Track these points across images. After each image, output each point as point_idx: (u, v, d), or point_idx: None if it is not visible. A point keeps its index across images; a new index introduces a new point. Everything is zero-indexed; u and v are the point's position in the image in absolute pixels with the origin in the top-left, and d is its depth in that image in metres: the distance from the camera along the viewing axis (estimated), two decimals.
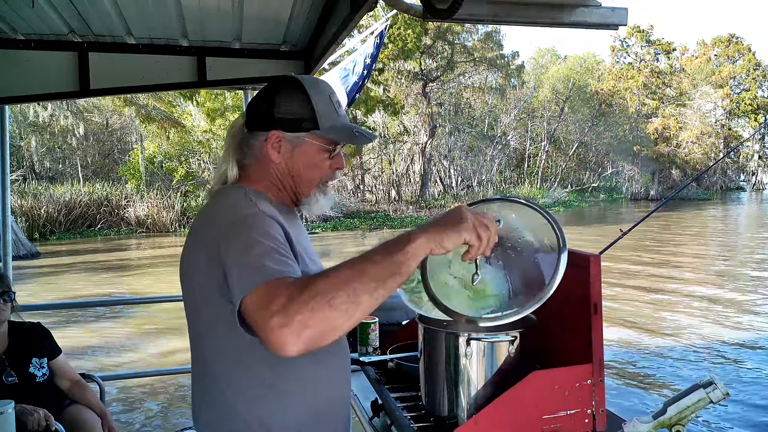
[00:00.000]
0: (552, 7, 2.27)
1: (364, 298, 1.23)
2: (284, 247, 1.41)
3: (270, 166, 1.65)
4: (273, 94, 1.65)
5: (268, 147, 1.63)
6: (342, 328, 1.23)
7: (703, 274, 14.91)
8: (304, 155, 1.65)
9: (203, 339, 1.59)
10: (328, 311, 1.20)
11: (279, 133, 1.62)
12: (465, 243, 1.36)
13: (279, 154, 1.63)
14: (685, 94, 48.98)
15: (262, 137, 1.64)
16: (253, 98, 1.71)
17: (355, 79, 5.70)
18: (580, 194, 43.39)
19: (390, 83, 31.57)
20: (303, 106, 1.62)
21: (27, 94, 3.94)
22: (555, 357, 1.85)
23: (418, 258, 1.30)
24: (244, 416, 1.55)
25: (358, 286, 1.23)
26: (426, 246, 1.31)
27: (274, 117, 1.62)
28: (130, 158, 30.91)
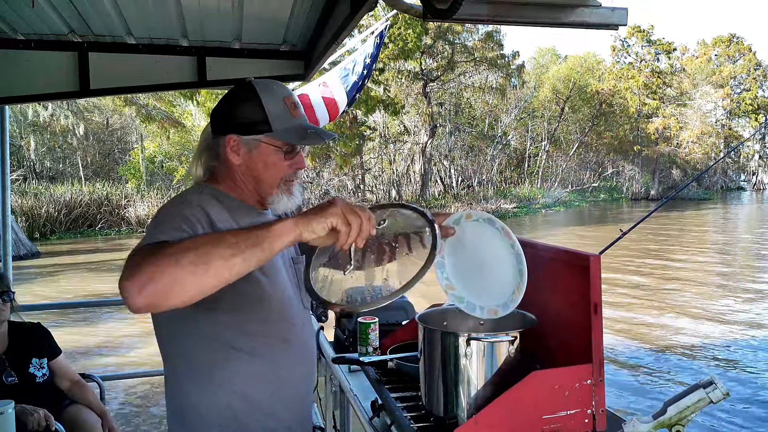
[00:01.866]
0: (552, 7, 2.27)
1: (216, 262, 1.28)
2: (187, 223, 1.50)
3: (233, 168, 1.74)
4: (230, 100, 1.75)
5: (227, 150, 1.71)
6: (191, 288, 1.27)
7: (703, 273, 14.90)
8: (261, 156, 1.72)
9: (155, 325, 1.70)
10: (173, 267, 1.25)
11: (235, 136, 1.71)
12: (333, 228, 1.39)
13: (238, 157, 1.71)
14: (686, 93, 48.94)
15: (222, 141, 1.72)
16: (217, 104, 1.80)
17: (355, 78, 5.70)
18: (580, 194, 43.38)
19: (390, 83, 31.55)
20: (255, 111, 1.70)
21: (27, 94, 3.94)
22: (555, 357, 1.85)
23: (283, 238, 1.35)
24: (181, 399, 1.67)
25: (212, 249, 1.29)
26: (294, 228, 1.36)
27: (229, 122, 1.72)
28: (130, 158, 30.93)
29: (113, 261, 18.03)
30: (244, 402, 1.66)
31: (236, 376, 1.65)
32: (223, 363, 1.64)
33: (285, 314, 1.75)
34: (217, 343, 1.63)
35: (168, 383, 1.72)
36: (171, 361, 1.69)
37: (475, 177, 39.71)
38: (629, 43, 48.87)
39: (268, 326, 1.70)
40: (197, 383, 1.65)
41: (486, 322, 1.97)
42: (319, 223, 1.37)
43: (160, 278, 1.25)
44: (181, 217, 1.52)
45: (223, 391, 1.65)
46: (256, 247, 1.32)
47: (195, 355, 1.64)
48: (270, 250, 1.34)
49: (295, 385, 1.79)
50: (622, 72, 47.29)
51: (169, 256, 1.27)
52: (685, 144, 46.20)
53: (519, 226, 27.88)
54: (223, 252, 1.29)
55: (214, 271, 1.28)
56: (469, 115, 39.98)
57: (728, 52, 54.65)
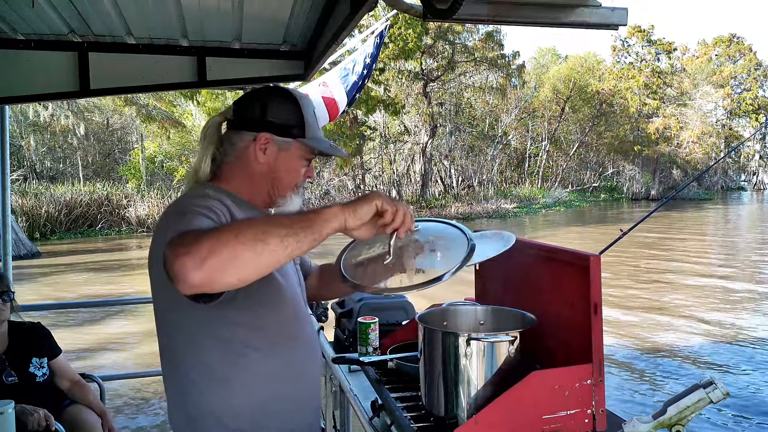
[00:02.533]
0: (552, 7, 2.27)
1: (272, 240, 1.27)
2: (218, 216, 1.49)
3: (251, 166, 1.72)
4: (266, 98, 1.73)
5: (254, 147, 1.70)
6: (248, 265, 1.26)
7: (703, 273, 14.90)
8: (287, 159, 1.73)
9: (162, 327, 1.67)
10: (235, 243, 1.23)
11: (268, 135, 1.70)
12: (378, 210, 1.43)
13: (264, 156, 1.71)
14: (686, 93, 48.94)
15: (248, 137, 1.71)
16: (242, 99, 1.77)
17: (355, 78, 5.71)
18: (580, 194, 43.40)
19: (391, 83, 31.57)
20: (293, 114, 1.72)
21: (27, 94, 3.94)
22: (555, 357, 1.85)
23: (331, 223, 1.37)
24: (195, 404, 1.63)
25: (268, 228, 1.29)
26: (340, 214, 1.39)
27: (265, 120, 1.70)
28: (130, 158, 30.94)
29: (113, 261, 18.04)
30: (260, 403, 1.65)
31: (253, 378, 1.63)
32: (241, 364, 1.62)
33: (296, 313, 1.76)
34: (232, 345, 1.61)
35: (178, 390, 1.67)
36: (183, 366, 1.64)
37: (476, 177, 39.72)
38: (630, 43, 48.89)
39: (281, 325, 1.70)
40: (213, 387, 1.62)
41: (486, 322, 1.98)
42: (364, 209, 1.41)
43: (221, 251, 1.22)
44: (207, 208, 1.50)
45: (241, 394, 1.63)
46: (308, 229, 1.33)
47: (211, 358, 1.61)
48: (320, 234, 1.35)
49: (307, 383, 1.79)
50: (623, 72, 47.29)
51: (229, 232, 1.26)
52: (685, 144, 46.20)
53: (519, 226, 27.87)
54: (279, 231, 1.29)
55: (271, 250, 1.27)
56: (470, 115, 39.99)
57: (729, 52, 54.67)
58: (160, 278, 1.55)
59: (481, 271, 2.39)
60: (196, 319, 1.57)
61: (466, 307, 2.07)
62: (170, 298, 1.53)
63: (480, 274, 2.40)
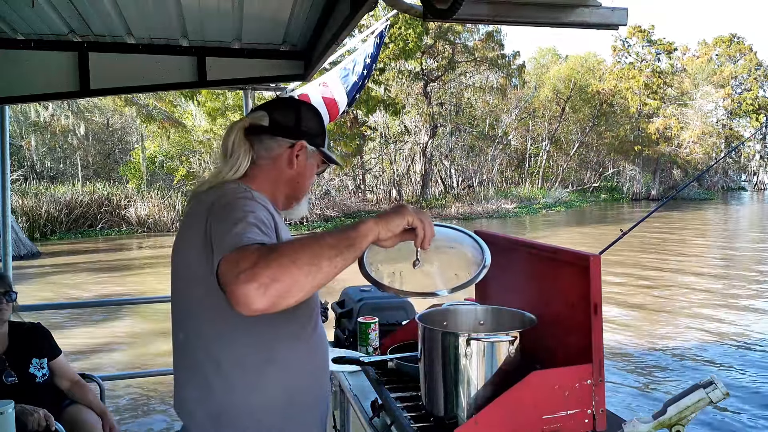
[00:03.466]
0: (552, 7, 2.27)
1: (324, 263, 1.36)
2: (266, 226, 1.52)
3: (280, 169, 1.82)
4: (299, 108, 1.87)
5: (290, 154, 1.81)
6: (305, 288, 1.34)
7: (703, 273, 14.89)
8: (310, 167, 1.87)
9: (192, 317, 1.68)
10: (294, 269, 1.31)
11: (304, 143, 1.82)
12: (408, 225, 1.56)
13: (296, 162, 1.82)
14: (687, 93, 48.91)
15: (286, 144, 1.81)
16: (274, 107, 1.85)
17: (355, 79, 5.71)
18: (581, 194, 43.38)
19: (391, 83, 31.55)
20: (319, 125, 1.89)
21: (27, 94, 3.94)
22: (555, 357, 1.85)
23: (368, 237, 1.48)
24: (224, 397, 1.64)
25: (319, 251, 1.37)
26: (375, 228, 1.49)
27: (300, 129, 1.83)
28: (130, 158, 30.92)
29: (114, 261, 18.04)
30: (290, 396, 1.70)
31: (283, 370, 1.68)
32: (273, 357, 1.66)
33: (316, 307, 1.84)
34: (265, 338, 1.66)
35: (201, 385, 1.67)
36: (211, 361, 1.65)
37: (476, 177, 39.72)
38: (630, 43, 48.86)
39: (304, 318, 1.76)
40: (246, 380, 1.64)
41: (486, 322, 1.98)
42: (396, 223, 1.53)
43: (282, 279, 1.29)
44: (256, 217, 1.52)
45: (273, 386, 1.67)
46: (351, 247, 1.43)
47: (245, 351, 1.64)
48: (360, 250, 1.46)
49: (326, 376, 1.87)
50: (623, 72, 47.27)
51: (286, 257, 1.32)
52: (685, 144, 46.18)
53: (520, 226, 27.88)
54: (328, 253, 1.37)
55: (324, 272, 1.36)
56: (470, 115, 39.98)
57: (729, 52, 54.65)
58: (192, 270, 1.62)
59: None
60: (234, 315, 1.55)
61: (466, 307, 2.08)
62: (204, 292, 1.57)
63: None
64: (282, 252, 1.33)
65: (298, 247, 1.36)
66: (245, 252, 1.34)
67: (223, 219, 1.52)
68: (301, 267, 1.31)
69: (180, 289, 1.72)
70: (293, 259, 1.31)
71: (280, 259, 1.31)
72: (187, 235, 1.66)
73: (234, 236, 1.42)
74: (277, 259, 1.31)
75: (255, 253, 1.33)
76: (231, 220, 1.49)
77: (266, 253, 1.33)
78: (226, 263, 1.34)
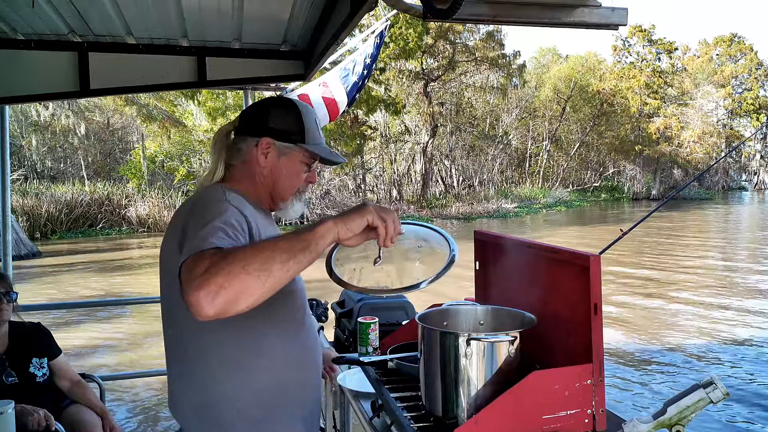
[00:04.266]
0: (552, 7, 2.27)
1: (275, 267, 1.37)
2: (234, 229, 1.53)
3: (255, 169, 1.83)
4: (269, 106, 1.87)
5: (257, 151, 1.81)
6: (256, 294, 1.35)
7: (704, 273, 14.89)
8: (288, 164, 1.84)
9: (177, 317, 1.72)
10: (243, 275, 1.32)
11: (269, 140, 1.81)
12: (369, 224, 1.53)
13: (266, 159, 1.82)
14: (687, 93, 48.92)
15: (252, 142, 1.82)
16: (248, 109, 1.91)
17: (355, 79, 5.70)
18: (581, 194, 43.38)
19: (391, 83, 31.53)
20: (294, 121, 1.84)
21: (27, 94, 3.95)
22: (555, 357, 1.85)
23: (326, 238, 1.47)
24: (210, 390, 1.68)
25: (270, 255, 1.37)
26: (333, 228, 1.48)
27: (267, 126, 1.82)
28: (131, 157, 30.91)
29: (114, 261, 18.04)
30: (278, 389, 1.73)
31: (270, 363, 1.71)
32: (260, 351, 1.69)
33: (303, 302, 1.87)
34: (251, 332, 1.69)
35: (191, 382, 1.72)
36: (200, 358, 1.70)
37: (476, 177, 39.71)
38: (630, 43, 48.88)
39: (292, 313, 1.80)
40: (235, 375, 1.68)
41: (486, 322, 1.98)
42: (356, 222, 1.51)
43: (230, 286, 1.31)
44: (225, 221, 1.54)
45: (260, 379, 1.70)
46: (306, 250, 1.42)
47: (231, 347, 1.68)
48: (316, 252, 1.45)
49: (316, 370, 1.89)
50: (624, 72, 47.27)
51: (235, 263, 1.33)
52: (686, 144, 46.17)
53: (520, 225, 27.87)
54: (281, 257, 1.38)
55: (275, 276, 1.37)
56: (470, 114, 39.97)
57: (730, 51, 54.63)
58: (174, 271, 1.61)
59: (481, 270, 2.39)
60: None
61: (466, 307, 2.07)
62: None
63: (480, 274, 2.40)
64: (233, 258, 1.35)
65: (250, 252, 1.38)
66: (200, 258, 1.37)
67: (192, 223, 1.56)
68: (251, 272, 1.33)
69: (165, 287, 1.77)
70: (243, 265, 1.33)
71: (230, 266, 1.32)
72: (170, 235, 1.70)
73: (196, 240, 1.45)
74: (227, 266, 1.32)
75: (208, 260, 1.35)
76: (198, 225, 1.52)
77: (218, 259, 1.35)
78: (185, 268, 1.37)
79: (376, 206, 1.57)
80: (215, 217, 1.54)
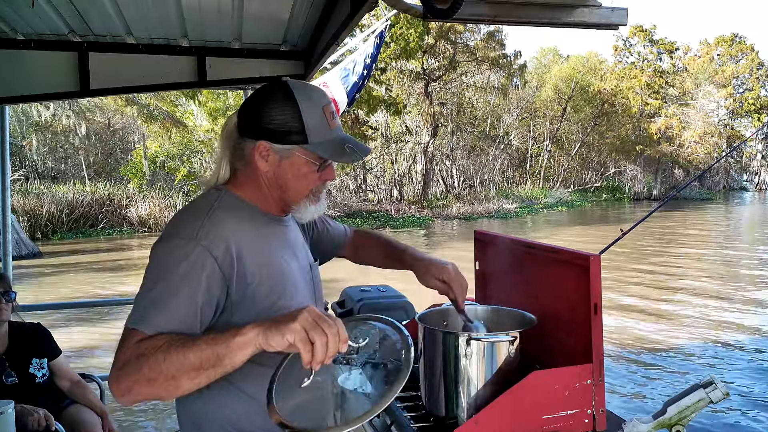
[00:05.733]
0: (552, 7, 2.27)
1: (183, 381, 1.34)
2: (189, 292, 1.46)
3: (258, 173, 1.65)
4: (262, 102, 1.63)
5: (256, 155, 1.62)
6: (165, 399, 1.40)
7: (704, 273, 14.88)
8: (292, 167, 1.63)
9: None
10: (148, 387, 1.35)
11: (266, 143, 1.61)
12: (289, 343, 1.27)
13: (266, 163, 1.63)
14: (688, 93, 48.91)
15: (251, 144, 1.63)
16: (245, 101, 1.69)
17: (355, 79, 5.71)
18: (582, 194, 43.36)
19: (392, 83, 31.53)
20: (292, 118, 1.59)
21: (27, 94, 3.95)
22: (555, 357, 1.85)
23: (245, 350, 1.30)
24: (195, 404, 1.64)
25: (178, 371, 1.33)
26: (254, 340, 1.29)
27: (262, 127, 1.60)
28: (132, 158, 30.95)
29: (115, 261, 18.04)
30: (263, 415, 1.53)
31: (257, 390, 1.57)
32: (245, 376, 1.56)
33: None
34: None
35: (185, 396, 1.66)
36: None
37: (477, 177, 39.71)
38: (631, 43, 48.89)
39: None
40: (218, 394, 1.62)
41: (486, 322, 1.97)
42: (275, 339, 1.28)
43: (137, 393, 1.36)
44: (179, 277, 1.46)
45: (243, 404, 1.62)
46: (218, 366, 1.32)
47: None
48: (231, 365, 1.32)
49: None
50: (625, 72, 47.27)
51: (142, 375, 1.34)
52: (687, 144, 46.16)
53: (521, 225, 27.86)
54: (189, 373, 1.33)
55: (185, 388, 1.35)
56: (471, 114, 39.96)
57: (731, 51, 54.62)
58: None
59: (481, 271, 2.38)
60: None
61: (467, 307, 2.07)
62: None
63: (480, 274, 2.40)
64: (143, 366, 1.34)
65: (159, 363, 1.33)
66: (127, 341, 1.40)
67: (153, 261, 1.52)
68: (158, 385, 1.34)
69: None
70: (150, 378, 1.33)
71: (138, 375, 1.34)
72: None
73: (137, 308, 1.46)
74: (135, 374, 1.34)
75: (130, 350, 1.38)
76: (152, 274, 1.49)
77: (134, 360, 1.36)
78: (121, 339, 1.43)
79: (311, 319, 1.28)
80: (168, 273, 1.46)
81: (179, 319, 1.43)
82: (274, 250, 1.67)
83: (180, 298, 1.45)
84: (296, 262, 1.74)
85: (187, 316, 1.45)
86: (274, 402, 1.39)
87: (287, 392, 1.42)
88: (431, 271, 1.92)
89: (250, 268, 1.56)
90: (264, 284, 1.58)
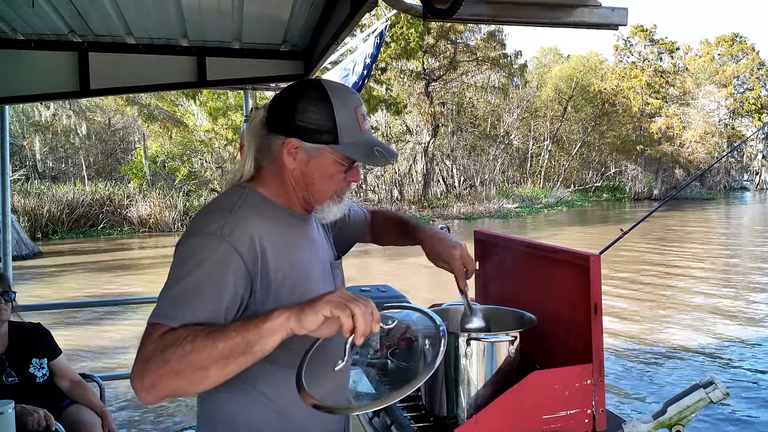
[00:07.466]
0: (552, 7, 2.27)
1: (212, 371, 1.31)
2: (214, 288, 1.44)
3: (284, 171, 1.63)
4: (297, 98, 1.60)
5: (284, 152, 1.60)
6: (191, 392, 1.35)
7: (704, 273, 14.88)
8: (320, 166, 1.61)
9: None
10: (174, 380, 1.31)
11: (296, 141, 1.58)
12: (328, 316, 1.30)
13: (294, 161, 1.60)
14: (689, 93, 48.89)
15: (280, 141, 1.60)
16: (277, 97, 1.67)
17: (355, 79, 5.70)
18: (583, 194, 43.36)
19: (392, 82, 31.54)
20: (325, 118, 1.57)
21: (27, 94, 3.95)
22: (555, 357, 1.85)
23: (275, 336, 1.30)
24: (217, 412, 1.62)
25: (206, 361, 1.30)
26: (285, 324, 1.30)
27: (294, 124, 1.58)
28: (132, 157, 30.97)
29: (115, 261, 18.05)
30: (279, 417, 1.61)
31: (274, 391, 1.60)
32: (262, 378, 1.58)
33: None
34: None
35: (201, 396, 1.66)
36: None
37: (478, 177, 39.70)
38: (632, 43, 48.90)
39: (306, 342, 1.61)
40: (234, 395, 1.60)
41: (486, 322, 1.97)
42: (308, 318, 1.30)
43: (165, 386, 1.32)
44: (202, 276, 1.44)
45: (259, 405, 1.61)
46: (248, 353, 1.30)
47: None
48: (262, 351, 1.31)
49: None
50: (625, 71, 47.27)
51: (169, 367, 1.30)
52: (688, 144, 46.14)
53: (521, 225, 27.86)
54: (218, 363, 1.30)
55: (213, 379, 1.32)
56: (472, 114, 39.96)
57: (731, 51, 54.61)
58: None
59: (481, 270, 2.38)
60: None
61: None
62: None
63: (480, 274, 2.40)
64: (170, 358, 1.30)
65: (187, 354, 1.30)
66: (150, 335, 1.36)
67: (177, 258, 1.49)
68: (185, 377, 1.30)
69: None
70: (177, 370, 1.30)
71: (164, 368, 1.30)
72: None
73: (162, 303, 1.42)
74: (161, 367, 1.30)
75: (153, 344, 1.34)
76: (175, 273, 1.46)
77: (159, 353, 1.32)
78: (143, 334, 1.38)
79: (341, 296, 1.33)
80: (191, 265, 1.44)
81: (204, 315, 1.41)
82: (297, 248, 1.66)
83: (205, 294, 1.43)
84: (319, 261, 1.73)
85: (212, 311, 1.43)
86: (305, 387, 1.41)
87: (315, 379, 1.45)
88: (436, 250, 1.91)
89: (273, 265, 1.55)
90: (287, 282, 1.57)
